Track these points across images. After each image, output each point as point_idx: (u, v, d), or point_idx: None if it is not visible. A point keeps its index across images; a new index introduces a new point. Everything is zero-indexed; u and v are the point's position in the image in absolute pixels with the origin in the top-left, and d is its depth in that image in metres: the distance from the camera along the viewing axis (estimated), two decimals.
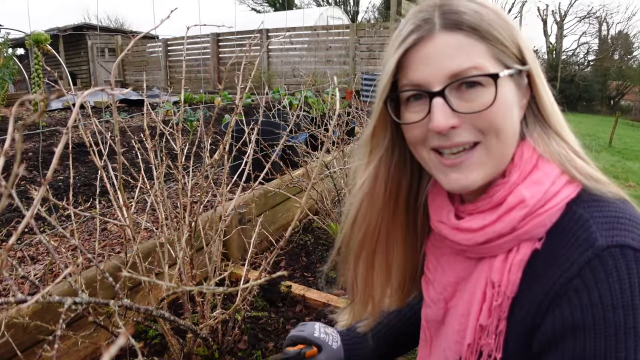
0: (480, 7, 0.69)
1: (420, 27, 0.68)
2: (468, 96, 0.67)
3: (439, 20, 0.68)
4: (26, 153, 4.21)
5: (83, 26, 15.10)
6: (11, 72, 4.77)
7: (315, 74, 2.27)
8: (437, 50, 0.67)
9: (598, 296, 0.59)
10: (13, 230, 0.75)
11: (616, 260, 0.59)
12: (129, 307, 0.97)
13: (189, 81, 11.06)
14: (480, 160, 0.70)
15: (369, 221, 0.86)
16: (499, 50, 0.68)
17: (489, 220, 0.70)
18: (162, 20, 0.92)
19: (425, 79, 0.68)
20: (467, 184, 0.70)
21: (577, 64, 27.33)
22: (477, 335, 0.73)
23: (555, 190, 0.67)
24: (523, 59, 0.70)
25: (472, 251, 0.75)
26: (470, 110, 0.67)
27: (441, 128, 0.67)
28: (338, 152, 2.32)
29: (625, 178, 6.34)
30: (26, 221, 0.65)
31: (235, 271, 1.96)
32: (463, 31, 0.67)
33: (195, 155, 1.37)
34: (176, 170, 1.26)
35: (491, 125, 0.67)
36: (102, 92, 0.73)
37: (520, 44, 0.70)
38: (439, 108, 0.67)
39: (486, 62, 0.67)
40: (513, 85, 0.70)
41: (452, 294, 0.82)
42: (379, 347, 1.12)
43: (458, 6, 0.68)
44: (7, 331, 1.05)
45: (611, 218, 0.63)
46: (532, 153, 0.71)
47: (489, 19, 0.68)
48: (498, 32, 0.67)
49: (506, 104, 0.68)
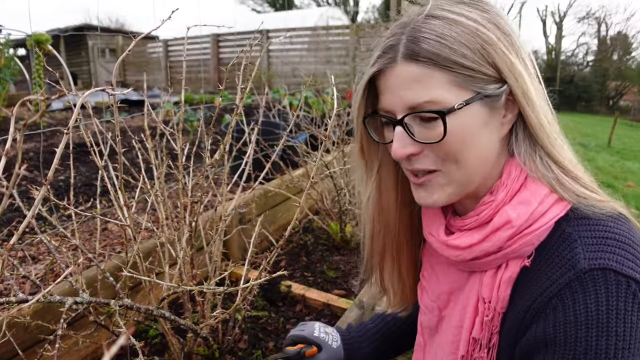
0: (449, 26, 0.64)
1: (386, 54, 0.68)
2: (428, 125, 0.67)
3: (402, 48, 0.66)
4: (27, 153, 4.21)
5: (84, 27, 15.10)
6: (12, 73, 4.78)
7: (316, 74, 2.26)
8: (397, 80, 0.67)
9: (573, 315, 0.59)
10: (14, 230, 0.75)
11: (596, 283, 0.59)
12: (130, 306, 0.98)
13: (189, 81, 11.05)
14: (439, 183, 0.71)
15: (386, 228, 0.87)
16: (464, 76, 0.64)
17: (476, 240, 0.70)
18: (163, 21, 0.92)
19: (391, 107, 0.69)
20: (431, 203, 0.72)
21: (576, 64, 27.30)
22: (471, 347, 0.74)
23: (542, 210, 0.67)
24: (500, 75, 0.66)
25: (462, 266, 0.76)
26: (427, 141, 0.68)
27: (399, 156, 0.69)
28: (338, 152, 2.32)
29: (624, 178, 6.33)
30: (27, 221, 0.65)
31: (236, 271, 1.96)
32: (420, 62, 0.64)
33: (195, 155, 1.38)
34: (176, 170, 1.26)
35: (448, 155, 0.68)
36: (103, 92, 0.74)
37: (497, 63, 0.65)
38: (397, 137, 0.69)
39: (445, 92, 0.64)
40: (481, 108, 0.66)
41: (446, 303, 0.82)
42: (379, 347, 1.13)
43: (422, 30, 0.65)
44: (9, 330, 1.05)
45: (599, 239, 0.63)
46: (519, 172, 0.70)
47: (455, 42, 0.64)
48: (463, 56, 0.63)
49: (465, 133, 0.66)
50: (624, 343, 0.57)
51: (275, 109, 3.63)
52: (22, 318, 1.10)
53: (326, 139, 1.16)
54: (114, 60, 14.27)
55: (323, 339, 1.09)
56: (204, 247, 1.43)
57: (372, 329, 1.14)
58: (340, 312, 1.76)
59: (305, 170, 2.40)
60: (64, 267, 1.06)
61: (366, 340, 1.12)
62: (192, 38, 10.82)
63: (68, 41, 13.89)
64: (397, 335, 1.13)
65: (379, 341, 1.12)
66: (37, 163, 3.52)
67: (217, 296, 1.35)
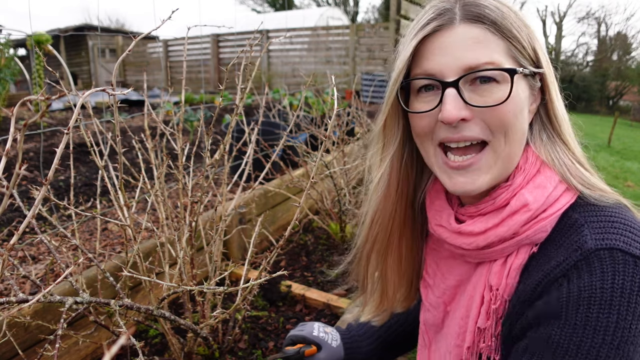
0: (501, 4, 0.69)
1: (441, 16, 0.68)
2: (482, 91, 0.66)
3: (460, 12, 0.67)
4: (27, 153, 4.21)
5: (84, 27, 15.11)
6: (12, 73, 4.77)
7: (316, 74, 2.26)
8: (456, 40, 0.66)
9: (577, 291, 0.59)
10: (14, 230, 0.75)
11: (603, 262, 0.59)
12: (130, 306, 0.98)
13: (190, 81, 11.06)
14: (487, 163, 0.69)
15: (383, 218, 0.86)
16: (517, 49, 0.67)
17: (492, 224, 0.69)
18: (163, 20, 0.92)
19: (440, 69, 0.67)
20: (473, 189, 0.69)
21: (576, 64, 27.32)
22: (477, 338, 0.73)
23: (556, 195, 0.67)
24: (538, 61, 0.70)
25: (472, 255, 0.74)
26: (484, 105, 0.66)
27: (452, 119, 0.66)
28: (338, 152, 2.32)
29: (624, 178, 6.34)
30: (27, 221, 0.66)
31: (236, 271, 1.96)
32: (484, 24, 0.66)
33: (195, 155, 1.38)
34: (177, 170, 1.26)
35: (502, 123, 0.66)
36: (103, 92, 0.74)
37: (536, 47, 0.70)
38: (451, 99, 0.66)
39: (502, 58, 0.66)
40: (526, 86, 0.69)
41: (452, 298, 0.82)
42: (379, 346, 1.13)
43: (480, 0, 0.68)
44: (9, 330, 1.05)
45: (605, 222, 0.63)
46: (535, 158, 0.71)
47: (510, 17, 0.67)
48: (517, 31, 0.67)
49: (519, 103, 0.67)
50: (625, 322, 0.56)
51: (275, 109, 3.63)
52: (22, 318, 1.11)
53: (326, 139, 1.16)
54: (114, 60, 14.26)
55: (322, 338, 1.09)
56: (204, 247, 1.43)
57: (371, 329, 1.14)
58: (340, 312, 1.76)
59: (305, 170, 2.40)
60: (64, 267, 1.06)
61: (366, 339, 1.13)
62: (192, 38, 10.82)
63: (68, 41, 13.90)
64: (396, 334, 1.13)
65: (378, 340, 1.12)
66: (37, 163, 3.52)
67: (217, 296, 1.35)
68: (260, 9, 29.07)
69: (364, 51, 8.91)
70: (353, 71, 8.78)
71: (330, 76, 1.20)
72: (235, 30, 10.60)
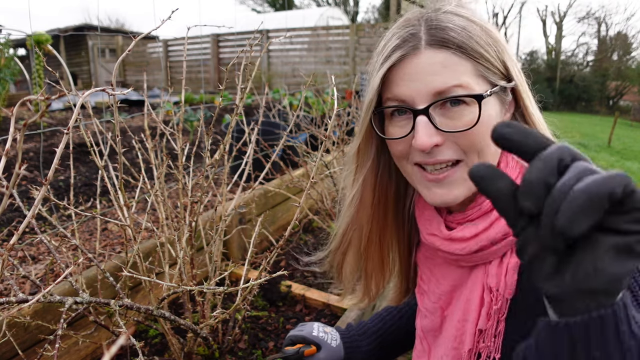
0: (467, 22, 0.68)
1: (406, 42, 0.68)
2: (452, 114, 0.67)
3: (425, 36, 0.67)
4: (27, 153, 4.21)
5: (84, 27, 15.11)
6: (12, 73, 4.77)
7: (316, 74, 2.26)
8: (422, 67, 0.67)
9: None
10: (14, 230, 0.75)
11: None
12: (130, 306, 0.98)
13: (190, 81, 11.06)
14: (462, 176, 0.70)
15: (360, 226, 0.88)
16: (485, 68, 0.67)
17: (482, 228, 0.71)
18: (163, 21, 0.92)
19: (410, 94, 0.68)
20: (450, 200, 0.71)
21: (576, 64, 27.35)
22: (477, 339, 0.74)
23: None
24: (509, 74, 0.70)
25: (466, 260, 0.75)
26: (454, 129, 0.67)
27: (425, 147, 0.68)
28: (338, 152, 2.32)
29: None
30: (27, 221, 0.66)
31: (236, 271, 1.96)
32: (449, 49, 0.66)
33: (195, 155, 1.38)
34: (176, 170, 1.26)
35: (473, 144, 0.68)
36: (103, 92, 0.74)
37: (506, 60, 0.70)
38: (422, 126, 0.67)
39: (471, 80, 0.66)
40: (496, 101, 0.70)
41: (448, 302, 0.83)
42: (378, 345, 1.13)
43: (445, 22, 0.68)
44: (9, 330, 1.05)
45: None
46: (516, 163, 0.72)
47: (476, 35, 0.67)
48: (484, 49, 0.67)
49: (489, 122, 0.68)
50: None
51: (275, 109, 3.63)
52: (22, 318, 1.11)
53: (326, 139, 1.16)
54: (114, 60, 14.27)
55: (322, 338, 1.09)
56: (204, 247, 1.43)
57: (371, 328, 1.14)
58: (340, 312, 1.76)
59: (305, 170, 2.40)
60: (64, 267, 1.06)
61: (366, 339, 1.13)
62: (192, 38, 10.82)
63: (68, 41, 13.90)
64: (396, 334, 1.13)
65: (378, 340, 1.13)
66: (37, 163, 3.52)
67: (217, 296, 1.35)
68: (260, 9, 29.09)
69: (364, 51, 8.91)
70: (353, 71, 8.78)
71: (330, 76, 1.20)
72: (235, 30, 10.60)
